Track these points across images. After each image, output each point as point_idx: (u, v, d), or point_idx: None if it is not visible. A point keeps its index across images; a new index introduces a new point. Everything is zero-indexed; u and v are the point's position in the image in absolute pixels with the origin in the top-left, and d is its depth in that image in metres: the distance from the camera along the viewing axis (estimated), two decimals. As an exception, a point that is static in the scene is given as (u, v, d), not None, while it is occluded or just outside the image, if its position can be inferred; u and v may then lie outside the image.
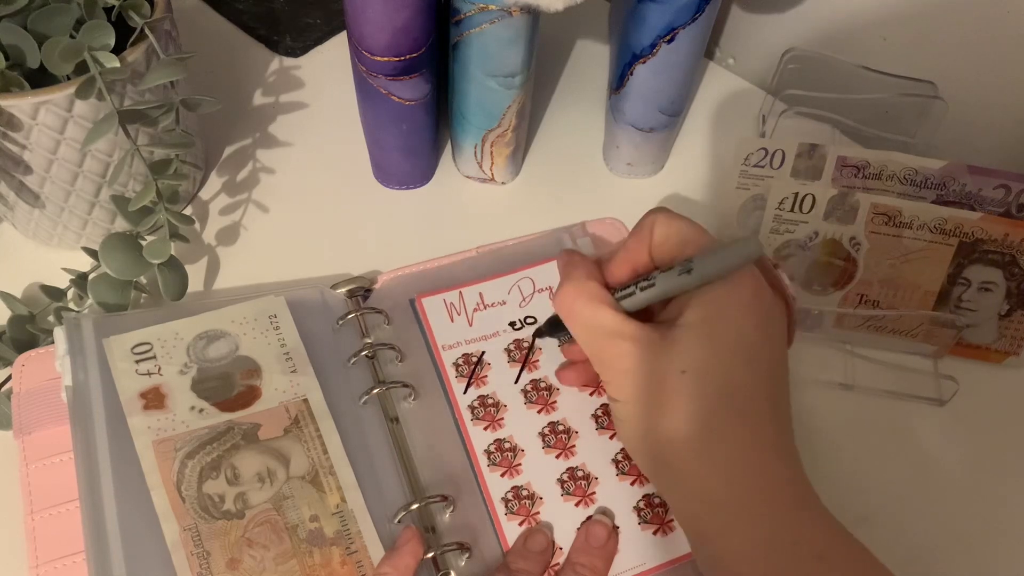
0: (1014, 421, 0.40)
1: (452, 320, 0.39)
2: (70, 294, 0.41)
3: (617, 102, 0.46)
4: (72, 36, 0.37)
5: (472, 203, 0.48)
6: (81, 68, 0.36)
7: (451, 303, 0.40)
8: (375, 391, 0.37)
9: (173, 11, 0.41)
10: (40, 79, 0.37)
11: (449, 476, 0.36)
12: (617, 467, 0.35)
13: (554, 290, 0.39)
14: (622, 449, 0.36)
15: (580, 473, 0.35)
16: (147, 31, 0.38)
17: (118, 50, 0.37)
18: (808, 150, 0.43)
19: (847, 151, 0.42)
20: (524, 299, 0.40)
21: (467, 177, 0.49)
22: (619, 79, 0.45)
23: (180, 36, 0.42)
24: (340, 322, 0.39)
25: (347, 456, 0.35)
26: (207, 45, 0.54)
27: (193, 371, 0.36)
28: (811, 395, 0.40)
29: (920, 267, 0.41)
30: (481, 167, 0.47)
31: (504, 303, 0.40)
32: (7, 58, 0.37)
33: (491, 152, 0.46)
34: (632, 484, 0.35)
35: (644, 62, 0.42)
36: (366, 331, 0.39)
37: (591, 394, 0.37)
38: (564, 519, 0.34)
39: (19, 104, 0.36)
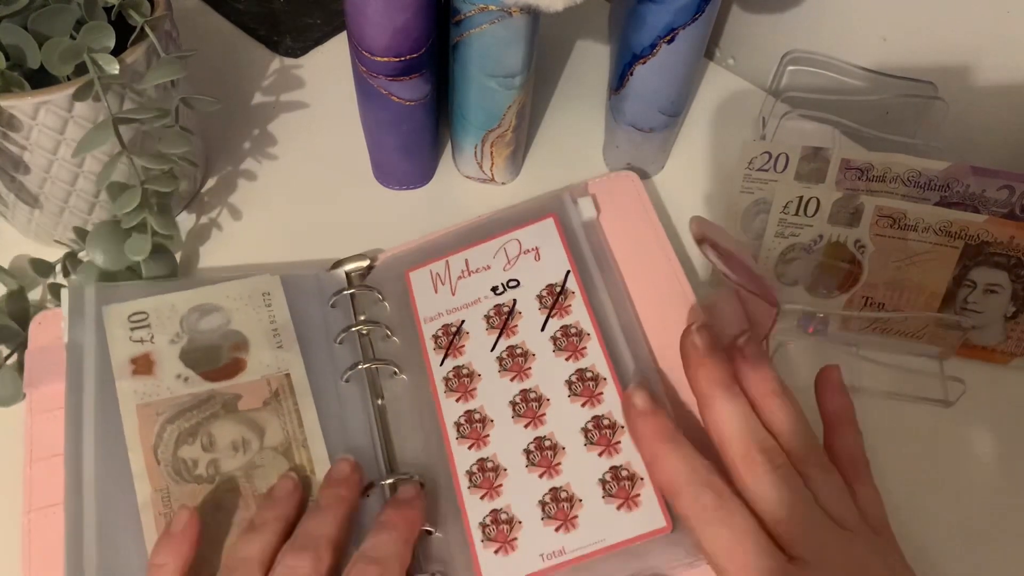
0: (1021, 422, 0.40)
1: (436, 291, 0.39)
2: (58, 268, 0.41)
3: (617, 102, 0.46)
4: (72, 37, 0.37)
5: (472, 203, 0.48)
6: (81, 68, 0.36)
7: (437, 273, 0.39)
8: (357, 368, 0.37)
9: (173, 11, 0.41)
10: (40, 79, 0.37)
11: (424, 452, 0.36)
12: (586, 436, 0.34)
13: (540, 251, 0.39)
14: (593, 418, 0.34)
15: (547, 443, 0.34)
16: (147, 30, 0.38)
17: (118, 50, 0.37)
18: (812, 153, 0.42)
19: (851, 154, 0.42)
20: (509, 262, 0.39)
21: (467, 177, 0.49)
22: (619, 79, 0.44)
23: (180, 36, 0.42)
24: (333, 299, 0.40)
25: (322, 431, 0.36)
26: (207, 45, 0.54)
27: (183, 341, 0.37)
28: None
29: (925, 269, 0.41)
30: (481, 167, 0.47)
31: (488, 267, 0.39)
32: (7, 58, 0.37)
33: (491, 152, 0.46)
34: (600, 455, 0.34)
35: (644, 62, 0.42)
36: (359, 310, 0.40)
37: (567, 359, 0.36)
38: (527, 489, 0.34)
39: (19, 104, 0.36)
